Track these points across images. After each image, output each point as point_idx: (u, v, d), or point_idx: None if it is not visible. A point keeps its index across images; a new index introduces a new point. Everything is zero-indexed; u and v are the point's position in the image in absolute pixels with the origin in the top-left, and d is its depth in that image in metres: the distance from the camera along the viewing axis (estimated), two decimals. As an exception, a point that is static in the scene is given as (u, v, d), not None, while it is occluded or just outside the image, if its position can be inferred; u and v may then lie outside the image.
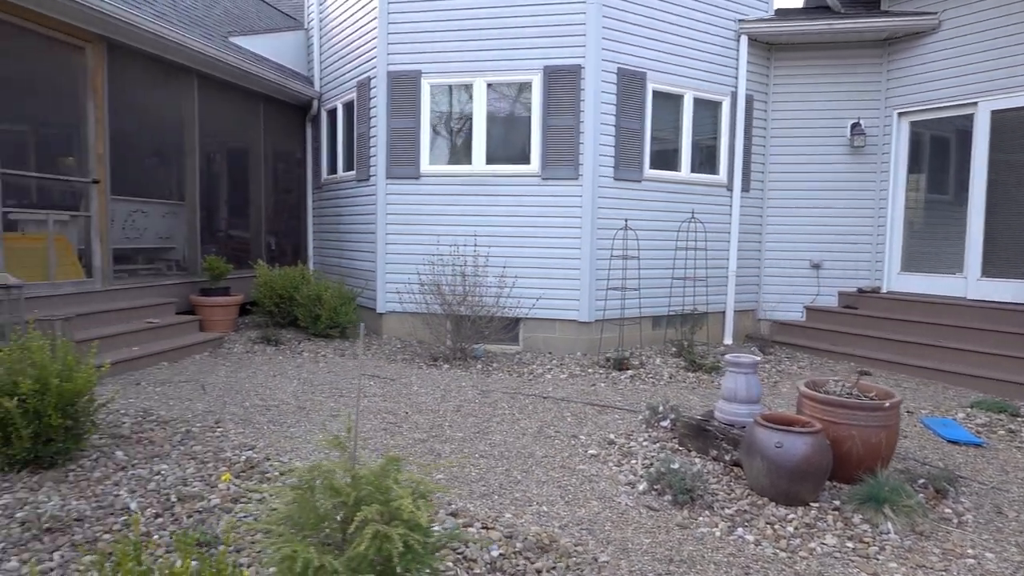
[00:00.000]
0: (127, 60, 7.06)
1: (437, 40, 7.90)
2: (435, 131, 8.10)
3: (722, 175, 8.66)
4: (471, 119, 7.90)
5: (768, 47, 8.84)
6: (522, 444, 4.61)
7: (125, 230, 7.49)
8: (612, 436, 4.83)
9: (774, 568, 3.10)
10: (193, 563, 1.97)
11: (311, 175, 10.50)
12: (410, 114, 8.00)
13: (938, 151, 8.42)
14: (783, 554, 3.24)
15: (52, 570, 2.78)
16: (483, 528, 3.30)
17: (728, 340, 8.78)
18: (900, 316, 7.97)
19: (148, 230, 7.95)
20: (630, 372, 6.78)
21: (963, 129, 7.98)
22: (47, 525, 3.10)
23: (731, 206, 8.70)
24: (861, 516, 3.60)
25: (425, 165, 8.04)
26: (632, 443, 4.68)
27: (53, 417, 3.57)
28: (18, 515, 3.21)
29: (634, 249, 7.82)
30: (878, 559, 3.21)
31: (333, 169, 9.79)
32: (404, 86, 8.00)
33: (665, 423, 4.98)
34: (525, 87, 7.74)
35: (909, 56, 8.34)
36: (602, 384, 6.39)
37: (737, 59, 8.53)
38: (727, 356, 4.50)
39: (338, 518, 2.31)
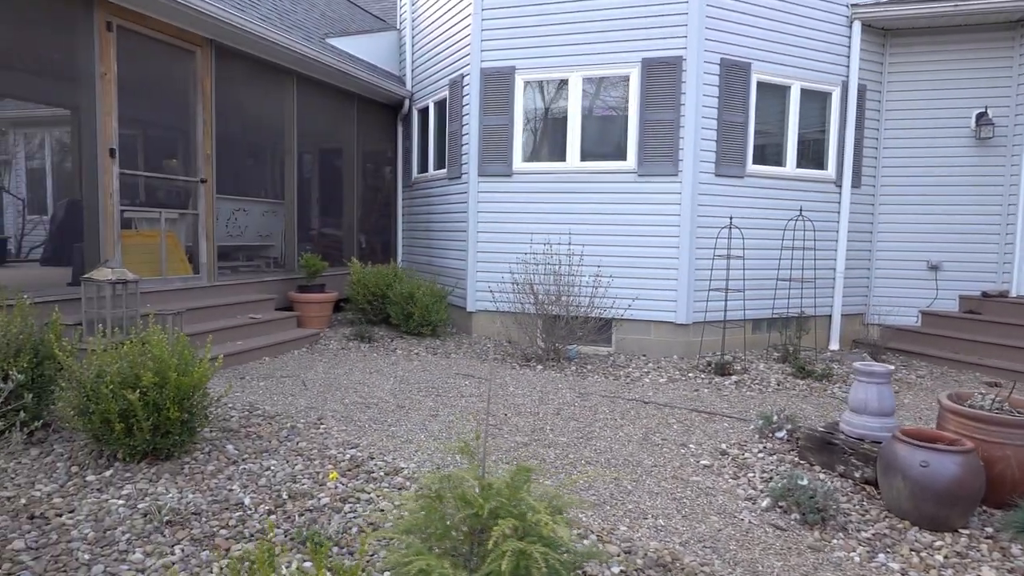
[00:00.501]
0: (232, 63, 7.27)
1: (531, 35, 7.77)
2: (528, 128, 7.98)
3: (830, 170, 8.15)
4: (565, 115, 7.72)
5: (883, 33, 8.26)
6: (628, 451, 4.41)
7: (228, 228, 7.73)
8: (724, 446, 4.55)
9: (928, 602, 2.78)
10: (327, 574, 1.88)
11: (401, 174, 10.59)
12: (503, 111, 7.91)
13: (1079, 142, 7.65)
14: (936, 587, 2.91)
15: (173, 563, 2.79)
16: (600, 541, 3.13)
17: (834, 345, 8.26)
18: (1033, 323, 7.28)
19: (248, 228, 8.18)
20: (734, 378, 6.44)
21: (1111, 117, 7.20)
22: (167, 518, 3.13)
23: (839, 203, 8.17)
24: (1019, 546, 3.22)
25: (518, 163, 7.93)
26: (747, 454, 4.40)
27: (171, 410, 3.63)
28: (140, 506, 3.27)
29: (736, 248, 7.44)
30: (1050, 598, 2.84)
31: (424, 168, 9.82)
32: (497, 83, 7.91)
33: (781, 434, 4.66)
34: (622, 81, 7.50)
35: (1047, 38, 7.61)
36: (705, 390, 6.09)
37: (849, 46, 7.99)
38: (856, 364, 4.14)
39: (464, 529, 2.19)
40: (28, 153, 5.82)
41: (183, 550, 2.91)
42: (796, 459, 4.28)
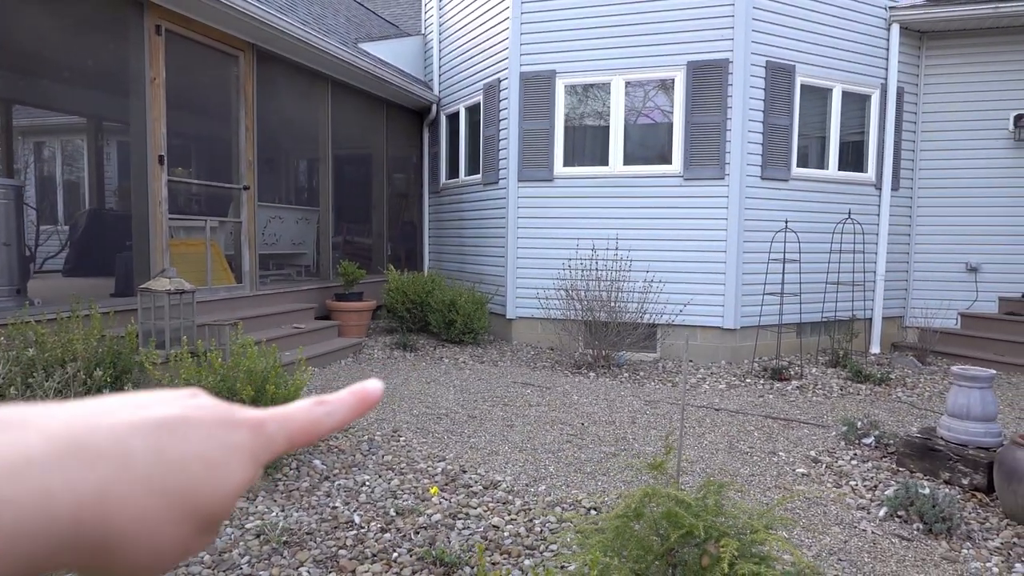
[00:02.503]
0: (272, 68, 7.14)
1: (571, 39, 7.69)
2: (569, 132, 7.89)
3: (870, 173, 8.12)
4: (608, 118, 7.65)
5: (920, 35, 8.26)
6: (720, 461, 4.30)
7: (264, 236, 7.57)
8: (813, 453, 4.46)
9: (1088, 614, 2.69)
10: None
11: (427, 179, 10.46)
12: (543, 115, 7.82)
13: (1120, 143, 7.66)
14: (1089, 597, 2.82)
15: (306, 588, 2.65)
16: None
17: (875, 349, 8.21)
18: (1079, 324, 7.27)
19: (283, 236, 8.03)
20: (794, 383, 6.36)
21: None
22: (284, 539, 2.99)
23: (879, 205, 8.15)
24: None
25: (559, 167, 7.84)
26: (840, 462, 4.31)
27: (267, 425, 3.48)
28: (248, 526, 3.12)
29: (783, 252, 7.38)
30: None
31: (454, 173, 9.70)
32: (537, 87, 7.82)
33: (868, 440, 4.58)
34: (666, 84, 7.43)
35: (1087, 39, 7.63)
36: (770, 395, 6.00)
37: (887, 49, 7.98)
38: (954, 368, 4.07)
39: (657, 547, 2.07)
40: (76, 161, 5.65)
41: (309, 572, 2.77)
42: (894, 466, 4.20)
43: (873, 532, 3.37)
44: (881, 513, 3.55)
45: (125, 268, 5.98)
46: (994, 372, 4.02)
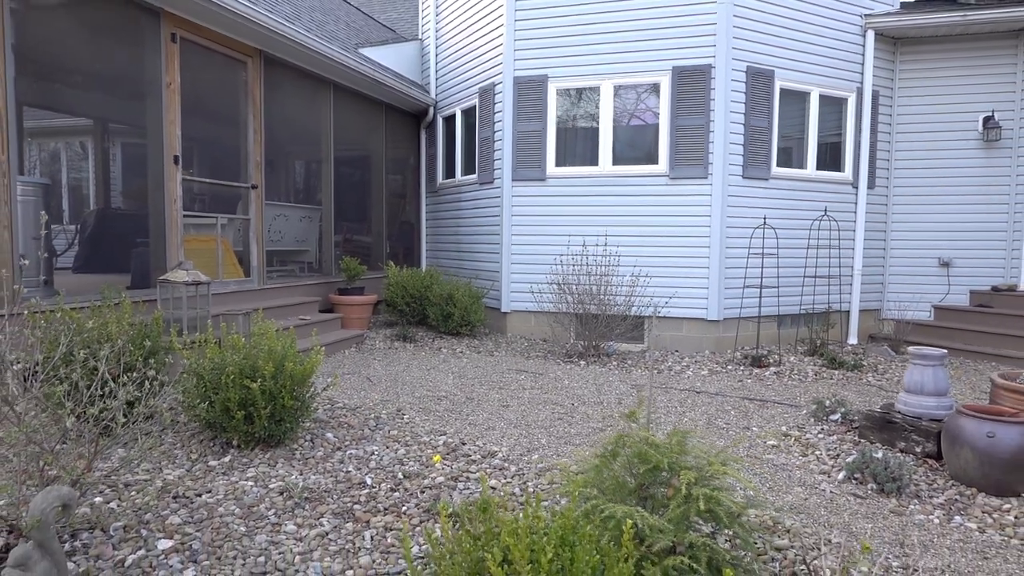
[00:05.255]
0: (278, 72, 7.50)
1: (563, 45, 8.09)
2: (561, 133, 8.27)
3: (847, 172, 8.54)
4: (597, 121, 8.04)
5: (893, 41, 8.69)
6: (698, 435, 4.67)
7: (270, 233, 7.92)
8: (784, 429, 4.86)
9: (1010, 552, 3.09)
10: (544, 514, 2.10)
11: (424, 179, 10.84)
12: (536, 118, 8.20)
13: (1081, 143, 8.10)
14: (1014, 540, 3.22)
15: (327, 533, 3.02)
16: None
17: (852, 340, 8.62)
18: (1043, 315, 7.69)
19: (287, 234, 8.38)
20: (772, 369, 6.77)
21: (1112, 120, 7.66)
22: (305, 496, 3.36)
23: (856, 203, 8.57)
24: (1081, 508, 3.54)
25: (551, 167, 8.22)
26: (808, 435, 4.70)
27: (286, 398, 3.85)
28: (271, 486, 3.49)
29: (762, 248, 7.79)
30: (1117, 548, 3.16)
31: (451, 173, 10.08)
32: (530, 91, 8.21)
33: (835, 417, 4.97)
34: (653, 88, 7.83)
35: (1049, 46, 8.07)
36: (749, 380, 6.41)
37: (863, 54, 8.41)
38: (911, 349, 4.47)
39: (632, 485, 2.46)
40: (92, 161, 5.99)
41: (328, 522, 3.13)
42: (856, 438, 4.60)
43: (831, 492, 3.76)
44: (840, 476, 3.95)
45: (140, 263, 6.32)
46: (945, 352, 4.43)
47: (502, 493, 3.56)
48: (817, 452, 4.38)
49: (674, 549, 2.13)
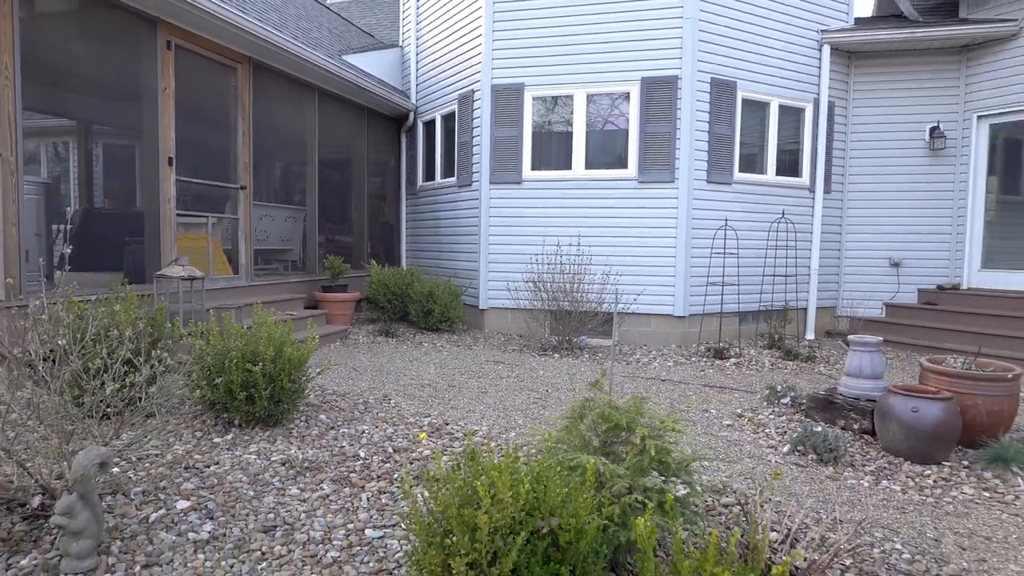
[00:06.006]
0: (266, 78, 7.82)
1: (539, 55, 8.52)
2: (536, 139, 8.70)
3: (805, 178, 9.09)
4: (571, 127, 8.49)
5: (848, 55, 9.27)
6: (662, 416, 5.12)
7: (257, 232, 8.23)
8: (739, 411, 5.33)
9: (925, 509, 3.57)
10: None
11: (405, 182, 11.20)
12: (513, 124, 8.62)
13: (1018, 152, 8.74)
14: (930, 499, 3.71)
15: (327, 496, 3.38)
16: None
17: (810, 335, 9.17)
18: (981, 311, 8.29)
19: (273, 233, 8.69)
20: (732, 360, 7.25)
21: (1044, 131, 8.30)
22: (305, 465, 3.72)
23: (813, 207, 9.12)
24: (991, 473, 4.05)
25: (527, 171, 8.65)
26: (760, 416, 5.17)
27: (284, 381, 4.21)
28: (273, 458, 3.84)
29: (728, 248, 8.29)
30: (1016, 504, 3.66)
31: (430, 176, 10.46)
32: (507, 98, 8.63)
33: (785, 400, 5.45)
34: (623, 97, 8.30)
35: (989, 61, 8.70)
36: (710, 370, 6.88)
37: (819, 67, 8.97)
38: (850, 337, 4.96)
39: (596, 443, 2.87)
40: (88, 163, 6.26)
41: (328, 487, 3.50)
42: (802, 418, 5.07)
43: (777, 462, 4.22)
44: (785, 449, 4.41)
45: (135, 259, 6.61)
46: (880, 339, 4.93)
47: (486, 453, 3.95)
48: (767, 430, 4.84)
49: (631, 491, 2.55)
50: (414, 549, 2.28)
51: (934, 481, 3.96)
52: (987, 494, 3.80)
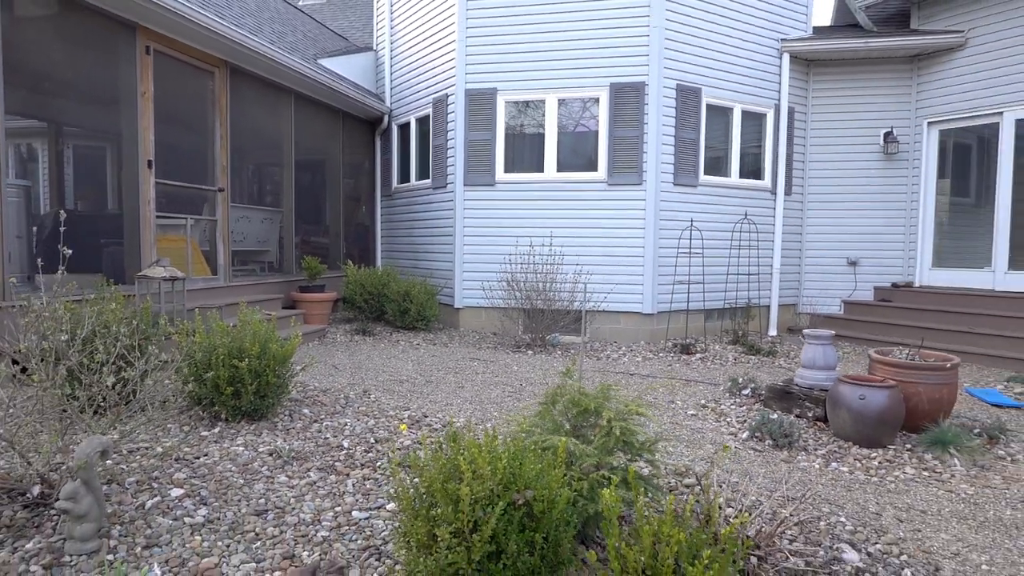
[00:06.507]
0: (243, 82, 7.94)
1: (511, 60, 8.76)
2: (509, 142, 8.95)
3: (767, 180, 9.47)
4: (543, 131, 8.75)
5: (807, 63, 9.68)
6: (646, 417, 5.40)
7: (234, 234, 8.34)
8: (703, 401, 5.63)
9: (870, 487, 3.88)
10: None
11: (380, 184, 11.37)
12: (486, 127, 8.85)
13: (965, 156, 9.22)
14: (874, 478, 4.03)
15: (315, 483, 3.58)
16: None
17: (772, 331, 9.55)
18: (932, 307, 8.74)
19: (250, 235, 8.80)
20: (698, 356, 7.57)
21: (989, 136, 8.78)
22: (292, 455, 3.91)
23: (775, 209, 9.51)
24: (931, 455, 4.39)
25: (500, 173, 8.89)
26: (722, 406, 5.48)
27: (270, 376, 4.39)
28: (260, 449, 4.02)
29: (694, 248, 8.62)
30: (951, 482, 4.00)
31: (405, 178, 10.64)
32: (481, 102, 8.86)
33: (746, 391, 5.77)
34: (593, 102, 8.59)
35: (938, 70, 9.17)
36: (677, 365, 7.19)
37: (780, 75, 9.36)
38: (805, 330, 5.29)
39: (567, 427, 3.12)
40: (68, 165, 6.34)
41: (315, 474, 3.70)
42: (761, 407, 5.39)
43: (736, 447, 4.52)
44: (744, 436, 4.71)
45: (115, 260, 6.70)
46: (833, 333, 5.27)
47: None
48: (728, 419, 5.14)
49: (599, 468, 2.80)
50: (401, 522, 2.50)
51: (879, 463, 4.28)
52: (926, 474, 4.13)
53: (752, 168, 9.45)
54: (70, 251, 3.31)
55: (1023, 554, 3.11)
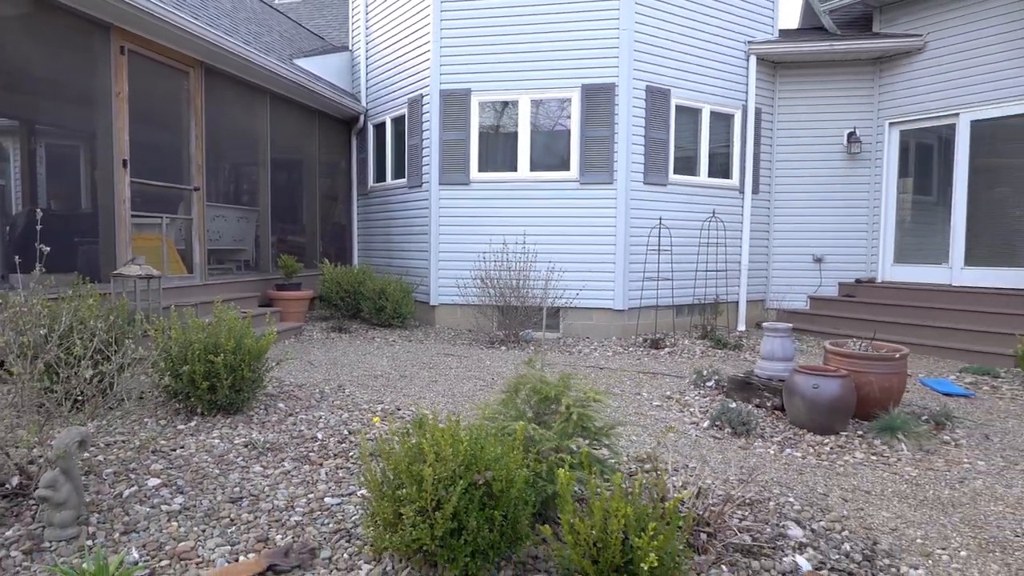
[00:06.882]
0: (218, 82, 8.00)
1: (485, 62, 8.91)
2: (483, 142, 9.09)
3: (735, 179, 9.72)
4: (516, 131, 8.91)
5: (773, 65, 9.95)
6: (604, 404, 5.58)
7: (210, 232, 8.40)
8: (668, 393, 5.83)
9: (820, 470, 4.09)
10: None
11: (356, 183, 11.46)
12: (461, 127, 9.00)
13: (925, 156, 9.54)
14: (825, 462, 4.24)
15: (289, 472, 3.71)
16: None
17: (741, 327, 9.81)
18: (894, 302, 9.05)
19: (225, 233, 8.86)
20: (667, 350, 7.79)
21: (947, 137, 9.11)
22: (267, 447, 4.03)
23: (743, 207, 9.76)
24: (880, 441, 4.61)
25: (474, 173, 9.03)
26: (686, 397, 5.68)
27: (245, 371, 4.50)
28: (236, 441, 4.14)
29: (663, 246, 8.84)
30: (897, 465, 4.22)
31: (381, 177, 10.74)
32: (455, 103, 9.00)
33: (710, 383, 5.98)
34: (565, 103, 8.76)
35: (899, 72, 9.48)
36: (646, 359, 7.40)
37: (747, 76, 9.61)
38: (764, 324, 5.51)
39: (530, 414, 3.28)
40: (42, 165, 6.38)
41: (289, 464, 3.83)
42: (723, 398, 5.60)
43: (697, 435, 4.71)
44: (705, 424, 4.92)
45: (90, 259, 6.74)
46: (790, 326, 5.49)
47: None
48: (691, 409, 5.35)
49: (558, 452, 2.97)
50: (370, 503, 2.65)
51: (831, 448, 4.50)
52: (874, 458, 4.36)
53: (721, 167, 9.69)
54: (49, 248, 3.39)
55: (956, 529, 3.33)
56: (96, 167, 6.49)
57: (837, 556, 2.96)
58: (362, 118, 11.06)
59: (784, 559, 2.90)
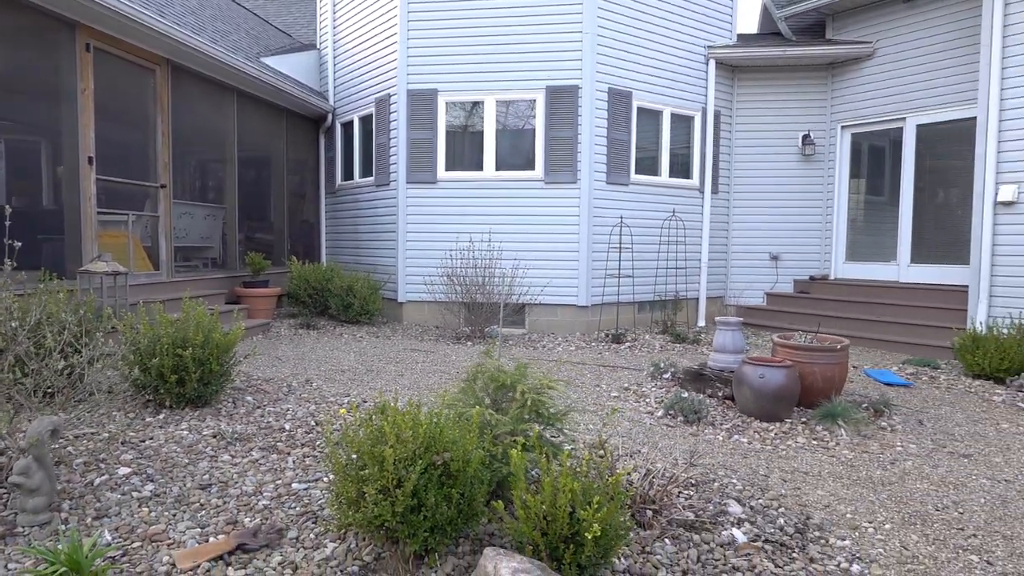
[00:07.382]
0: (185, 80, 8.04)
1: (451, 62, 9.07)
2: (450, 141, 9.26)
3: (695, 179, 10.03)
4: (482, 131, 9.09)
5: (732, 69, 10.27)
6: (559, 391, 5.79)
7: (176, 230, 8.42)
8: (626, 385, 6.07)
9: (764, 454, 4.36)
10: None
11: (324, 181, 11.52)
12: (427, 127, 9.14)
13: (875, 159, 9.96)
14: (768, 447, 4.51)
15: (257, 460, 3.84)
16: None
17: (701, 322, 10.12)
18: (845, 298, 9.44)
19: (192, 231, 8.88)
20: (627, 344, 8.04)
21: (895, 140, 9.52)
22: (236, 437, 4.16)
23: (702, 206, 10.07)
24: (822, 427, 4.90)
25: (441, 171, 9.19)
26: (643, 389, 5.93)
27: (213, 364, 4.61)
28: (204, 432, 4.26)
29: (624, 244, 9.10)
30: (835, 449, 4.51)
31: (349, 176, 10.83)
32: (422, 103, 9.14)
33: (667, 375, 6.23)
34: (530, 104, 8.97)
35: (850, 78, 9.87)
36: (607, 353, 7.64)
37: (707, 80, 9.91)
38: (717, 318, 5.78)
39: (487, 402, 3.47)
40: (14, 161, 6.37)
41: (257, 453, 3.96)
42: (678, 389, 5.85)
43: (651, 424, 4.95)
44: (659, 414, 5.16)
45: (55, 256, 6.74)
46: (741, 319, 5.77)
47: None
48: (647, 400, 5.59)
49: (513, 435, 3.16)
50: (334, 484, 2.81)
51: (775, 434, 4.77)
52: (815, 443, 4.64)
53: (681, 168, 9.98)
54: (20, 244, 3.48)
55: (883, 505, 3.61)
56: (61, 164, 6.51)
57: (772, 529, 3.21)
58: (330, 117, 11.13)
59: (723, 532, 3.14)
